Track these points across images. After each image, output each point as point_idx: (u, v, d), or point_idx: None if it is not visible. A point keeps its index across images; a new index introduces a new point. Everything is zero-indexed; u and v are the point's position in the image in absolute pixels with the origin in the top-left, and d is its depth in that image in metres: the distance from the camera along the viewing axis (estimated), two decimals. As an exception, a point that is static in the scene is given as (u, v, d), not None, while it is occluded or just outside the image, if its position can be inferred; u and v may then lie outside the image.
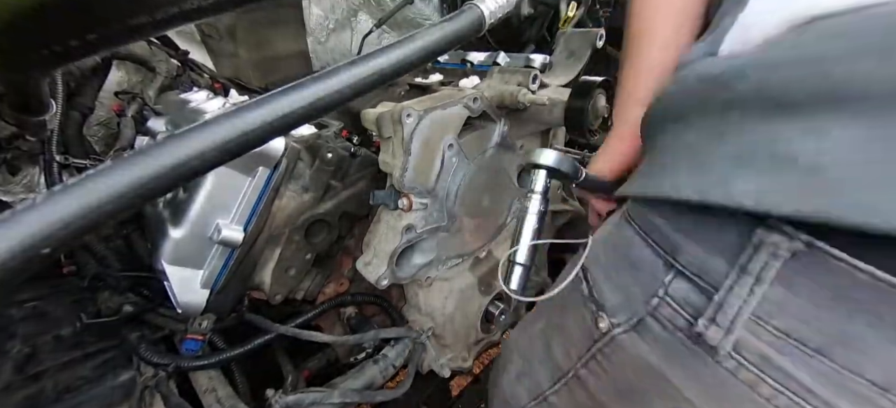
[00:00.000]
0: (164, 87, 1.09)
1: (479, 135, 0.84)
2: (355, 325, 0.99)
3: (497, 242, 1.00)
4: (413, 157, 0.73)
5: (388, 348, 0.91)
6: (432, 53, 0.41)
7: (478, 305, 0.98)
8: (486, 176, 0.87)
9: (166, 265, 0.70)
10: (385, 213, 0.80)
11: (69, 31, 0.31)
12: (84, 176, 0.26)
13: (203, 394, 0.79)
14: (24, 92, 0.54)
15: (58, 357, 0.81)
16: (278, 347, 0.90)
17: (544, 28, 1.24)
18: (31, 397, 0.74)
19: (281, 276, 0.83)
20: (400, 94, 0.99)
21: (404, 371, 0.93)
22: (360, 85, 0.37)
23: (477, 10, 0.46)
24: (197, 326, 0.77)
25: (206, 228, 0.71)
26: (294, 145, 0.75)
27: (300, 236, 0.83)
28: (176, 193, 0.74)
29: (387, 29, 1.45)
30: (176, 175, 0.29)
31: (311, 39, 1.44)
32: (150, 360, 0.77)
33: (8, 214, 0.24)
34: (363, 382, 0.85)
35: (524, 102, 0.82)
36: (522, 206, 0.53)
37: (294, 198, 0.80)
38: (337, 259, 0.98)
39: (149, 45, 1.08)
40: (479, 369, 1.35)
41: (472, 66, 1.01)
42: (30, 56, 0.33)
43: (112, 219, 0.27)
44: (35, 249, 0.24)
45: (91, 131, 1.11)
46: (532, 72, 0.86)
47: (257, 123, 0.32)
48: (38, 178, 1.00)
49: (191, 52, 1.19)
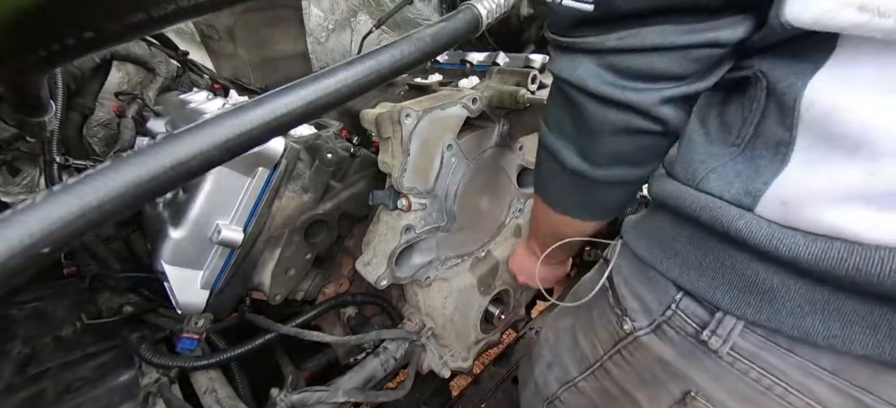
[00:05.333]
0: (163, 87, 1.10)
1: (478, 135, 0.84)
2: (355, 325, 0.99)
3: (496, 243, 1.00)
4: (412, 157, 0.73)
5: (388, 341, 0.91)
6: (429, 53, 0.42)
7: (477, 305, 0.99)
8: (485, 176, 0.87)
9: (166, 266, 0.70)
10: (384, 213, 0.80)
11: (67, 30, 0.31)
12: (84, 175, 0.26)
13: (203, 394, 0.79)
14: (23, 93, 0.54)
15: (58, 358, 0.81)
16: (278, 347, 0.90)
17: (544, 28, 1.24)
18: (31, 397, 0.74)
19: (281, 276, 0.83)
20: (399, 95, 0.99)
21: (405, 372, 0.93)
22: (359, 85, 0.37)
23: (474, 10, 0.46)
24: (193, 325, 0.77)
25: (205, 228, 0.71)
26: (294, 146, 0.76)
27: (300, 237, 0.83)
28: (176, 193, 0.74)
29: (386, 29, 1.45)
30: (176, 175, 0.29)
31: (311, 40, 1.45)
32: (151, 360, 0.77)
33: (8, 214, 0.24)
34: (365, 376, 0.85)
35: (523, 101, 0.82)
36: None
37: (294, 198, 0.80)
38: (337, 260, 0.98)
39: (148, 45, 1.08)
40: (479, 370, 1.35)
41: (472, 67, 1.01)
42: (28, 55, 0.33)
43: (112, 218, 0.27)
44: (35, 248, 0.24)
45: (91, 132, 1.12)
46: (531, 72, 0.87)
47: (256, 123, 0.32)
48: (38, 179, 1.00)
49: (190, 52, 1.19)
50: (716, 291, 0.43)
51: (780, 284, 0.39)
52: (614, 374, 0.59)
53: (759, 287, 0.40)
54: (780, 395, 0.42)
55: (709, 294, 0.43)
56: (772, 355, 0.41)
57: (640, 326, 0.52)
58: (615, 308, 0.56)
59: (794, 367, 0.40)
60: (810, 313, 0.38)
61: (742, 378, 0.44)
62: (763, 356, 0.42)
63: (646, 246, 0.51)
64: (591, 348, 0.63)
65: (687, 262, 0.46)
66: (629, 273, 0.55)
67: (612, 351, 0.58)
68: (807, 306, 0.38)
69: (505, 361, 1.37)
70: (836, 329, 0.36)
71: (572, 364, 0.67)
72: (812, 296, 0.37)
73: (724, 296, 0.42)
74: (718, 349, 0.44)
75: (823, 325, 0.37)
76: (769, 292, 0.39)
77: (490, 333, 1.06)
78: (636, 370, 0.56)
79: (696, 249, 0.45)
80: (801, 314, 0.38)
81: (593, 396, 0.65)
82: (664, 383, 0.52)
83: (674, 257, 0.48)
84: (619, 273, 0.57)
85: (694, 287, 0.45)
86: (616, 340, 0.57)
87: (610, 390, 0.61)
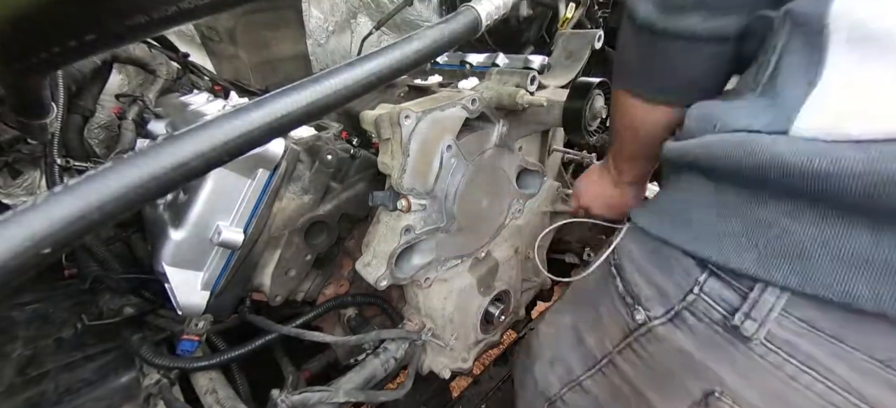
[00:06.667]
0: (164, 89, 1.10)
1: (477, 136, 0.84)
2: (355, 326, 0.99)
3: (496, 243, 1.00)
4: (411, 158, 0.73)
5: (388, 341, 0.91)
6: (429, 55, 0.42)
7: (477, 305, 0.99)
8: (484, 177, 0.88)
9: (167, 267, 0.70)
10: (384, 214, 0.81)
11: (68, 32, 0.31)
12: (85, 176, 0.26)
13: (203, 395, 0.79)
14: (25, 95, 0.54)
15: (59, 359, 0.81)
16: (279, 348, 0.90)
17: (543, 29, 1.25)
18: (32, 399, 0.74)
19: (281, 277, 0.84)
20: (399, 96, 0.99)
21: (405, 372, 0.94)
22: (358, 86, 0.37)
23: (473, 11, 0.47)
24: (193, 326, 0.77)
25: (206, 229, 0.71)
26: (293, 147, 0.76)
27: (300, 238, 0.83)
28: (176, 195, 0.74)
29: (386, 31, 1.45)
30: (176, 176, 0.29)
31: (311, 42, 1.45)
32: (152, 361, 0.78)
33: (9, 214, 0.24)
34: (365, 376, 0.85)
35: (522, 103, 0.83)
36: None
37: (294, 199, 0.80)
38: (337, 261, 0.98)
39: (149, 47, 1.08)
40: (479, 370, 1.36)
41: (471, 68, 1.01)
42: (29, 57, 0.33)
43: (113, 219, 0.27)
44: (36, 248, 0.24)
45: (92, 134, 1.12)
46: (530, 73, 0.87)
47: (256, 125, 0.32)
48: (39, 180, 1.00)
49: (191, 54, 1.20)
50: (743, 255, 0.38)
51: (815, 236, 0.34)
52: (624, 370, 0.54)
53: (791, 244, 0.35)
54: (820, 393, 0.37)
55: (735, 260, 0.38)
56: (813, 344, 0.36)
57: (656, 315, 0.47)
58: (625, 297, 0.51)
59: (839, 359, 0.35)
60: (852, 268, 0.33)
61: (775, 373, 0.39)
62: (803, 346, 0.37)
63: (657, 222, 0.47)
64: (598, 343, 0.58)
65: (708, 229, 0.41)
66: (641, 257, 0.50)
67: (621, 345, 0.53)
68: (848, 259, 0.33)
69: (505, 361, 1.38)
70: (885, 291, 0.32)
71: (576, 362, 0.63)
72: (853, 248, 0.33)
73: (753, 261, 0.37)
74: (752, 336, 0.39)
75: (869, 285, 0.32)
76: (803, 250, 0.35)
77: (490, 333, 1.06)
78: (650, 366, 0.51)
79: (719, 213, 0.41)
80: (842, 271, 0.33)
81: (600, 395, 0.60)
82: (682, 381, 0.47)
83: (690, 227, 0.43)
84: (629, 258, 0.52)
85: (716, 256, 0.40)
86: (627, 332, 0.52)
87: (620, 389, 0.56)
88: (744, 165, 0.37)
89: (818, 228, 0.34)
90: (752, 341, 0.39)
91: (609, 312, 0.55)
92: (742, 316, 0.39)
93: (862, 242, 0.33)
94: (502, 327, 1.10)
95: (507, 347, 1.40)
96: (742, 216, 0.39)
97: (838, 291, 0.33)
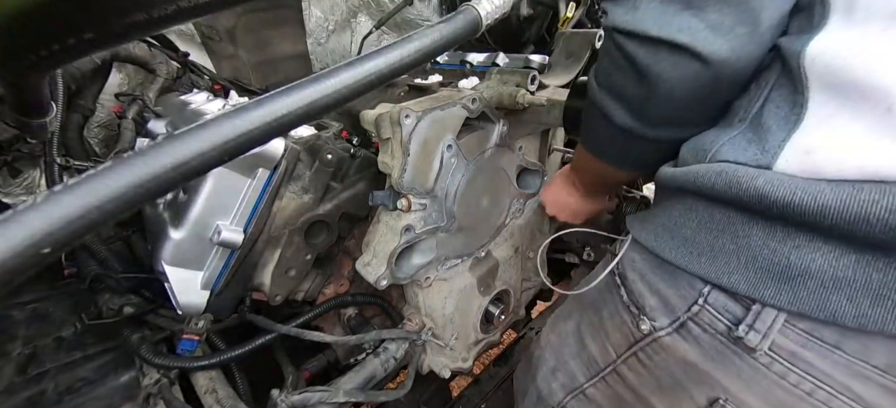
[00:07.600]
0: (164, 88, 1.10)
1: (477, 135, 0.84)
2: (355, 325, 0.99)
3: (496, 243, 1.00)
4: (412, 157, 0.73)
5: (388, 341, 0.91)
6: (429, 54, 0.42)
7: (477, 305, 0.99)
8: (485, 176, 0.88)
9: (166, 267, 0.70)
10: (384, 213, 0.81)
11: (67, 30, 0.31)
12: (85, 176, 0.26)
13: (203, 395, 0.79)
14: (24, 94, 0.54)
15: (59, 359, 0.81)
16: (279, 347, 0.90)
17: (543, 28, 1.24)
18: (32, 398, 0.74)
19: (281, 277, 0.84)
20: (399, 95, 0.99)
21: (405, 372, 0.93)
22: (358, 86, 0.37)
23: (473, 11, 0.47)
24: (193, 325, 0.77)
25: (206, 229, 0.71)
26: (294, 147, 0.76)
27: (300, 237, 0.83)
28: (176, 194, 0.74)
29: (386, 30, 1.45)
30: (176, 175, 0.29)
31: (311, 41, 1.45)
32: (152, 361, 0.77)
33: (9, 214, 0.24)
34: (365, 376, 0.85)
35: (523, 102, 0.83)
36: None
37: (294, 199, 0.80)
38: (337, 260, 0.98)
39: (149, 46, 1.08)
40: (479, 370, 1.36)
41: (472, 67, 1.01)
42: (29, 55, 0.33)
43: (113, 219, 0.27)
44: (36, 248, 0.24)
45: (91, 133, 1.12)
46: (531, 72, 0.87)
47: (256, 124, 0.32)
48: (38, 180, 1.00)
49: (191, 53, 1.20)
50: (735, 275, 0.40)
51: (798, 260, 0.36)
52: (629, 379, 0.55)
53: (779, 266, 0.37)
54: (823, 400, 0.38)
55: (729, 280, 0.40)
56: (815, 354, 0.38)
57: (661, 325, 0.48)
58: (630, 307, 0.51)
59: (839, 367, 0.37)
60: (835, 289, 0.35)
61: (779, 382, 0.40)
62: (805, 356, 0.38)
63: (654, 237, 0.48)
64: (602, 352, 0.58)
65: (698, 246, 0.43)
66: (645, 267, 0.50)
67: (626, 354, 0.54)
68: (830, 282, 0.35)
69: (505, 361, 1.38)
70: (865, 307, 0.34)
71: (579, 369, 0.63)
72: (835, 270, 0.35)
73: (746, 281, 0.39)
74: (756, 347, 0.40)
75: (851, 303, 0.34)
76: (790, 272, 0.37)
77: (490, 333, 1.06)
78: (654, 375, 0.51)
79: (709, 232, 0.42)
80: (824, 293, 0.35)
81: (603, 403, 0.61)
82: (687, 390, 0.48)
83: (685, 244, 0.44)
84: (633, 268, 0.52)
85: (713, 276, 0.41)
86: (631, 341, 0.52)
87: (624, 397, 0.57)
88: (729, 196, 0.39)
89: (803, 252, 0.36)
90: (757, 351, 0.40)
91: (613, 320, 0.55)
92: (746, 328, 0.40)
93: (844, 264, 0.35)
94: (502, 326, 1.10)
95: (507, 346, 1.40)
96: (733, 236, 0.40)
97: (826, 312, 0.35)
